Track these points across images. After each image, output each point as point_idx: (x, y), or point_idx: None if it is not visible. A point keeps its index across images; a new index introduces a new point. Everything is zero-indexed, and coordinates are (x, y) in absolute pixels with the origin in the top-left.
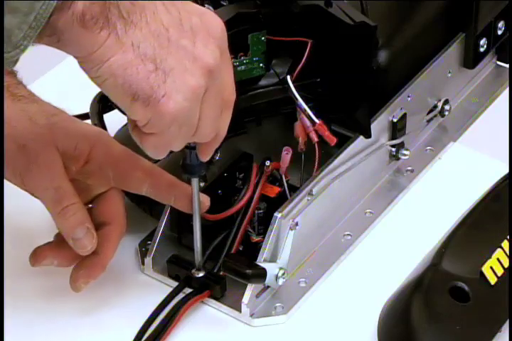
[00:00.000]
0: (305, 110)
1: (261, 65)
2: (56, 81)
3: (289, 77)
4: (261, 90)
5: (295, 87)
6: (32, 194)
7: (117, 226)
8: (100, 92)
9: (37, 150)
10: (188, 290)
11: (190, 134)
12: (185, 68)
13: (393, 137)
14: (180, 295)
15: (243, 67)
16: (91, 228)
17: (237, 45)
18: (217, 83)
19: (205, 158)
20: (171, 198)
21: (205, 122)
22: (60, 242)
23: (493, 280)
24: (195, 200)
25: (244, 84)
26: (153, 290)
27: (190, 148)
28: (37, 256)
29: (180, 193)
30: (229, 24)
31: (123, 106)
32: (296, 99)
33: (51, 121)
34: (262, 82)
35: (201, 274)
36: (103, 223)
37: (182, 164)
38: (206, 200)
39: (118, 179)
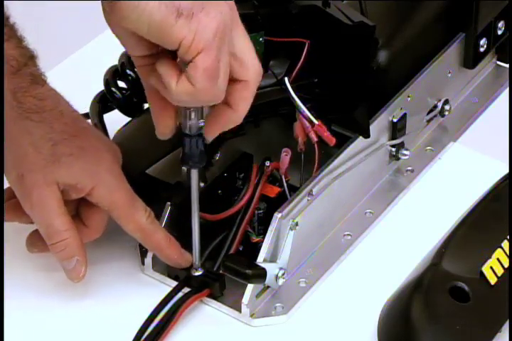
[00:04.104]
0: (304, 111)
1: None
2: (56, 81)
3: (286, 79)
4: (259, 91)
5: (293, 88)
6: None
7: (92, 231)
8: (100, 92)
9: (33, 184)
10: (187, 290)
11: (229, 51)
12: None
13: (393, 137)
14: (180, 295)
15: None
16: (81, 260)
17: None
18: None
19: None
20: (156, 254)
21: (242, 46)
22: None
23: (493, 280)
24: (194, 195)
25: None
26: (153, 290)
27: (190, 136)
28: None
29: (164, 255)
30: None
31: (168, 27)
32: (295, 100)
33: (56, 153)
34: (260, 83)
35: (200, 272)
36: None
37: (181, 155)
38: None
39: (113, 217)
